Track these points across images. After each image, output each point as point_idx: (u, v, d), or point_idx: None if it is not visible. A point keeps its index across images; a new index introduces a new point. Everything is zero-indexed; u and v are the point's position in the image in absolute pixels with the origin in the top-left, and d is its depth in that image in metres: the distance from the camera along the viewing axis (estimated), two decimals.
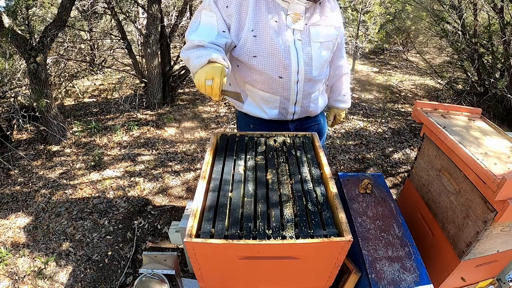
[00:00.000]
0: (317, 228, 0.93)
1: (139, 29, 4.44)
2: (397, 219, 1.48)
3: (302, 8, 1.31)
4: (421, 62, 6.29)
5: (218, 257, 0.93)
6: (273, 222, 0.95)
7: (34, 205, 2.71)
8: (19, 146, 3.47)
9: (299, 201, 1.03)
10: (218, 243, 0.87)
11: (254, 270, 0.98)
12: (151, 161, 3.27)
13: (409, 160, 3.35)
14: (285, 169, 1.17)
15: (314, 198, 1.04)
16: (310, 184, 1.10)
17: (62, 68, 4.58)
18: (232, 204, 1.01)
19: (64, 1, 3.05)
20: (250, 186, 1.09)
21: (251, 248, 0.88)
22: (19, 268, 2.18)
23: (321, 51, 1.40)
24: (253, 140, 1.32)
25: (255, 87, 1.44)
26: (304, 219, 0.96)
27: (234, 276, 1.03)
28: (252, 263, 0.94)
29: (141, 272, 1.53)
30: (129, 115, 4.16)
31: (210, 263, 0.97)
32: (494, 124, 1.56)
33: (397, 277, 1.25)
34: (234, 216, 0.96)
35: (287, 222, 0.95)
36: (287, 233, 0.91)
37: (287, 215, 0.98)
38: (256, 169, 1.17)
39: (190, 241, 0.88)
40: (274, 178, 1.12)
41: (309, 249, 0.90)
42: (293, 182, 1.11)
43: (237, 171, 1.15)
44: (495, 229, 1.27)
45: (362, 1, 5.13)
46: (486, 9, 3.65)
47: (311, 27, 1.35)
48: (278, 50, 1.32)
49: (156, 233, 2.46)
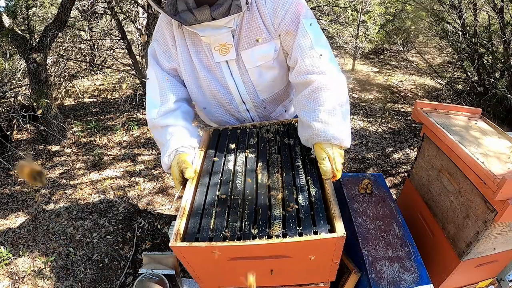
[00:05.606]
0: (307, 224, 0.86)
1: (139, 29, 4.43)
2: (397, 219, 1.48)
3: (227, 36, 1.10)
4: (421, 62, 6.28)
5: (207, 259, 0.90)
6: (260, 220, 0.89)
7: (34, 205, 2.71)
8: (19, 146, 3.47)
9: (290, 195, 0.96)
10: (202, 246, 0.84)
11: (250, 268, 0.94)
12: (151, 161, 3.27)
13: (409, 160, 3.35)
14: (276, 161, 1.10)
15: (306, 191, 0.97)
16: (302, 176, 1.02)
17: (62, 68, 4.58)
18: (219, 204, 0.97)
19: (64, 1, 3.05)
20: (239, 182, 1.04)
21: (236, 250, 0.85)
22: (19, 268, 2.18)
23: (261, 74, 1.22)
24: (245, 133, 1.25)
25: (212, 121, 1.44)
26: (293, 215, 0.90)
27: (230, 275, 1.00)
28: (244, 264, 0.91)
29: (141, 272, 1.53)
30: (129, 115, 4.16)
31: (202, 265, 0.94)
32: (494, 124, 1.56)
33: (397, 277, 1.25)
34: (220, 217, 0.93)
35: (274, 219, 0.89)
36: (274, 232, 0.85)
37: (275, 212, 0.92)
38: (246, 163, 1.11)
39: (175, 246, 0.85)
40: (264, 172, 1.06)
41: (298, 248, 0.84)
42: (285, 174, 1.04)
43: (227, 167, 1.10)
44: (495, 229, 1.27)
45: (362, 1, 5.13)
46: (486, 9, 3.65)
47: (242, 53, 1.15)
48: (217, 92, 1.26)
49: (156, 233, 2.46)
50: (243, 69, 1.20)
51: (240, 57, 1.17)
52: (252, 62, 1.18)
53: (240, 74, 1.21)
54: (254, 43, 1.14)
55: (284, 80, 1.33)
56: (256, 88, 1.27)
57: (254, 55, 1.16)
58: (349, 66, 5.82)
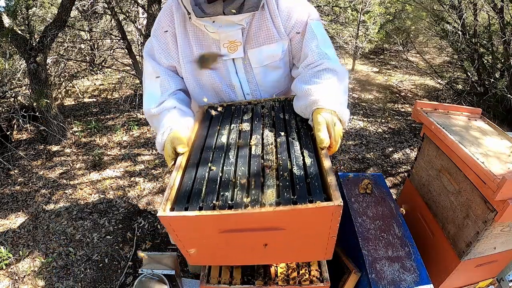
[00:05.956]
0: (302, 193, 0.82)
1: (139, 29, 4.43)
2: (397, 219, 1.48)
3: (238, 33, 1.11)
4: (421, 62, 6.28)
5: (197, 231, 0.86)
6: (252, 189, 0.85)
7: (34, 205, 2.71)
8: (19, 146, 3.47)
9: (284, 165, 0.91)
10: (192, 215, 0.80)
11: (242, 244, 0.90)
12: (151, 161, 3.27)
13: (409, 160, 3.35)
14: (270, 133, 1.07)
15: (301, 161, 0.92)
16: (297, 148, 0.98)
17: (62, 68, 4.58)
18: (211, 175, 0.93)
19: (64, 1, 3.05)
20: (232, 155, 1.00)
21: (227, 220, 0.81)
22: (19, 268, 2.18)
23: (266, 74, 1.24)
24: (240, 109, 1.22)
25: None
26: (287, 184, 0.85)
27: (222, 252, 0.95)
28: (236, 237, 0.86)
29: (141, 272, 1.53)
30: (129, 115, 4.16)
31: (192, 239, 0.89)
32: (494, 124, 1.56)
33: (397, 277, 1.25)
34: (211, 187, 0.89)
35: (267, 188, 0.85)
36: (267, 201, 0.81)
37: (268, 182, 0.88)
38: (239, 137, 1.07)
39: (163, 216, 0.81)
40: (258, 145, 1.02)
41: (292, 217, 0.80)
42: (279, 146, 1.00)
43: (220, 141, 1.07)
44: (495, 229, 1.27)
45: (362, 1, 5.13)
46: (486, 9, 3.65)
47: (249, 52, 1.16)
48: (220, 90, 1.25)
49: (156, 233, 2.46)
50: (248, 68, 1.21)
51: (247, 56, 1.17)
52: (259, 61, 1.19)
53: (246, 72, 1.22)
54: (262, 42, 1.15)
55: (287, 82, 1.34)
56: (259, 88, 1.28)
57: (262, 54, 1.17)
58: (349, 66, 5.82)
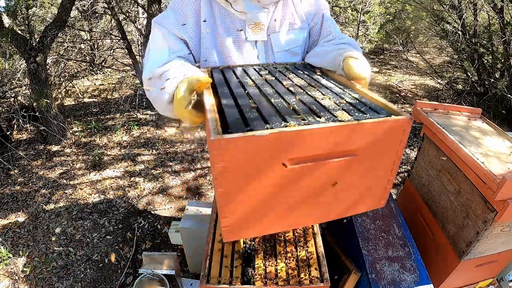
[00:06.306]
0: (371, 113, 0.75)
1: (139, 29, 4.43)
2: (397, 219, 1.48)
3: (264, 16, 1.12)
4: (421, 62, 6.28)
5: (254, 164, 0.68)
6: (317, 111, 0.75)
7: (34, 205, 2.71)
8: (19, 146, 3.47)
9: (334, 97, 0.84)
10: (263, 134, 0.64)
11: (307, 187, 0.77)
12: (151, 161, 3.27)
13: (409, 160, 3.35)
14: (300, 80, 0.97)
15: (347, 93, 0.87)
16: (336, 88, 0.91)
17: (62, 68, 4.58)
18: (254, 96, 0.81)
19: (64, 1, 3.05)
20: (269, 89, 0.88)
21: (304, 138, 0.68)
22: (19, 268, 2.18)
23: (286, 60, 1.26)
24: (249, 70, 1.12)
25: None
26: (350, 107, 0.78)
27: (276, 206, 0.78)
28: (303, 174, 0.74)
29: (141, 272, 1.53)
30: (129, 115, 4.16)
31: (240, 179, 0.70)
32: (494, 124, 1.56)
33: (397, 277, 1.25)
34: (265, 110, 0.74)
35: (333, 110, 0.76)
36: (342, 117, 0.72)
37: (329, 105, 0.78)
38: (266, 82, 0.95)
39: (220, 139, 0.61)
40: (291, 84, 0.92)
41: (371, 134, 0.74)
42: (316, 87, 0.91)
43: (246, 83, 0.94)
44: (495, 229, 1.27)
45: (362, 1, 5.13)
46: (486, 9, 3.65)
47: (272, 36, 1.18)
48: None
49: (156, 233, 2.46)
50: (269, 52, 1.22)
51: (269, 40, 1.19)
52: (281, 46, 1.21)
53: (266, 57, 1.23)
54: (286, 27, 1.19)
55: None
56: None
57: (284, 38, 1.21)
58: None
